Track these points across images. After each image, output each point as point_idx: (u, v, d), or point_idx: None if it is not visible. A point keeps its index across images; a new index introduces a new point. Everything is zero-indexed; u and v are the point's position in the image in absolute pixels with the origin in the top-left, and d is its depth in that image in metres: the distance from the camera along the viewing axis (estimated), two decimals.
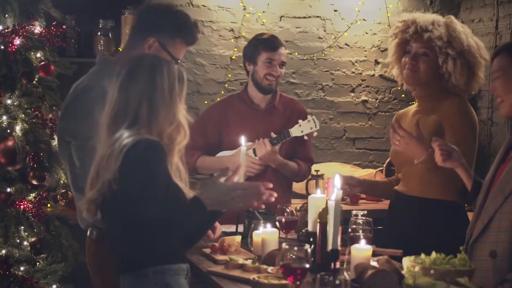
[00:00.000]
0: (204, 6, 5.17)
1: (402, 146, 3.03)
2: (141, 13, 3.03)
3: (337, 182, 2.24)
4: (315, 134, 3.79)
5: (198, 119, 4.00)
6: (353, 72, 5.49)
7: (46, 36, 3.44)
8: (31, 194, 3.50)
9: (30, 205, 3.44)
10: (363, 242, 2.56)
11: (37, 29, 3.47)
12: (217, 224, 2.85)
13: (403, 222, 3.28)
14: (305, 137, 3.73)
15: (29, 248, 3.48)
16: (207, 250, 2.95)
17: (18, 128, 3.39)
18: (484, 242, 2.56)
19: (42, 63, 3.43)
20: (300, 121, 3.72)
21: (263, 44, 3.81)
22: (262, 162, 3.75)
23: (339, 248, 2.44)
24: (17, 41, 3.39)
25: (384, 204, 4.78)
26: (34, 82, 3.49)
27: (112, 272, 2.42)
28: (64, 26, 3.55)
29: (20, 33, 3.40)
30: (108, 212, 2.30)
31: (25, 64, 3.43)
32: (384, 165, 5.13)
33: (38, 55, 3.44)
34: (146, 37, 2.87)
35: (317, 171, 4.51)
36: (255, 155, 3.75)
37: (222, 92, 5.20)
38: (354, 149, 5.56)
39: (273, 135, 3.72)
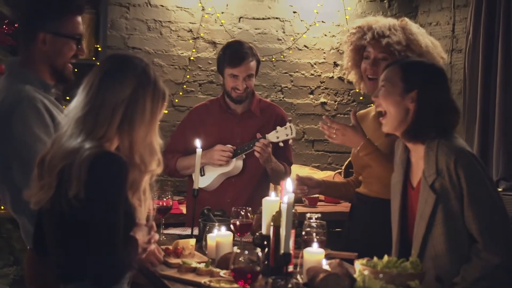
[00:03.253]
0: (162, 6, 5.13)
1: (340, 138, 3.13)
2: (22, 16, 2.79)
3: (289, 185, 2.23)
4: (291, 141, 3.79)
5: (179, 123, 4.04)
6: (312, 74, 5.50)
7: None
8: None
9: None
10: (315, 245, 2.55)
11: None
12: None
13: (365, 223, 3.29)
14: (281, 144, 3.72)
15: None
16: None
17: None
18: (425, 268, 2.55)
19: None
20: (278, 127, 3.72)
21: (227, 59, 3.77)
22: (231, 152, 3.76)
23: (292, 251, 2.43)
24: None
25: (343, 207, 4.80)
26: None
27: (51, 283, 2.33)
28: (16, 25, 3.48)
29: None
30: (60, 223, 2.16)
31: None
32: (343, 167, 5.15)
33: None
34: (36, 34, 2.67)
35: None
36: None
37: (181, 93, 5.17)
38: (313, 151, 5.57)
39: (259, 135, 3.72)
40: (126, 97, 2.15)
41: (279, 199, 2.64)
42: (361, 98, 5.53)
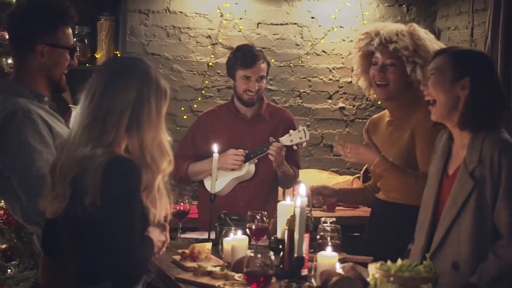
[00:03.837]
0: (181, 12, 5.17)
1: (354, 157, 3.17)
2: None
3: (302, 190, 2.25)
4: (304, 144, 3.81)
5: (189, 129, 4.07)
6: (330, 79, 5.51)
7: None
8: (1, 201, 3.46)
9: (0, 212, 3.41)
10: (329, 249, 2.56)
11: None
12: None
13: (385, 228, 3.30)
14: (295, 147, 3.75)
15: None
16: (177, 257, 2.95)
17: None
18: (444, 254, 2.57)
19: None
20: (291, 131, 3.75)
21: (239, 61, 3.81)
22: (244, 157, 3.78)
23: (305, 255, 2.45)
24: None
25: (361, 211, 4.80)
26: None
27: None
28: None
29: None
30: (76, 229, 2.18)
31: None
32: (361, 172, 5.15)
33: (10, 61, 3.42)
34: (34, 47, 2.67)
35: None
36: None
37: (199, 99, 5.20)
38: (331, 156, 5.57)
39: (272, 139, 3.74)
40: (131, 100, 2.17)
41: (293, 203, 2.67)
42: (379, 102, 5.52)
